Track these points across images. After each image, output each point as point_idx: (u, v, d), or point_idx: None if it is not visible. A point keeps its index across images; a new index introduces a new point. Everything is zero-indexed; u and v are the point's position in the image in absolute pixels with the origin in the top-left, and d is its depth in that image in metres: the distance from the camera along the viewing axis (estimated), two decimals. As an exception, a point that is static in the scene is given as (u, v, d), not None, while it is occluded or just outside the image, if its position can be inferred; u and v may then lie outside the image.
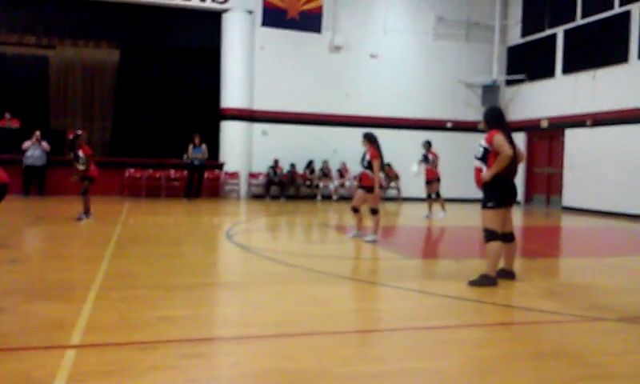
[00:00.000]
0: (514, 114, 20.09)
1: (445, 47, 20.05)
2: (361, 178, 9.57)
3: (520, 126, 19.79)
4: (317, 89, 18.93)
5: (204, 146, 16.96)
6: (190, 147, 16.83)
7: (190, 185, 16.93)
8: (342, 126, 18.49)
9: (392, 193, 19.27)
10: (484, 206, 6.22)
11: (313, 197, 18.59)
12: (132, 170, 17.30)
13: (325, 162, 18.66)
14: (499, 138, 6.11)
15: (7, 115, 16.78)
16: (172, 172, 17.51)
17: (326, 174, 18.79)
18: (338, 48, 19.09)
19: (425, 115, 19.92)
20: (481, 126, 6.46)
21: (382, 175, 9.93)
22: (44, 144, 15.76)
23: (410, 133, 19.70)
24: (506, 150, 6.03)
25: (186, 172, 17.17)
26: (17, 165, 14.92)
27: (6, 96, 17.43)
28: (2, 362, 3.68)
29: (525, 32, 19.80)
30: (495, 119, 6.34)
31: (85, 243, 9.05)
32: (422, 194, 18.92)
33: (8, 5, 16.81)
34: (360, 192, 9.53)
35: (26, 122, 16.65)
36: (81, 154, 10.86)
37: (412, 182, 18.92)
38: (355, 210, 9.63)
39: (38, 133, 15.73)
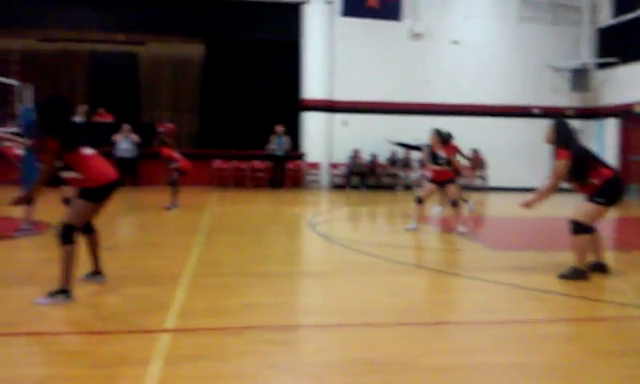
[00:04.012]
0: (606, 98, 19.07)
1: (530, 30, 19.30)
2: (436, 173, 9.28)
3: (613, 112, 18.80)
4: (397, 77, 18.77)
5: (286, 137, 17.32)
6: (272, 138, 17.29)
7: (274, 175, 17.46)
8: (423, 114, 18.22)
9: (477, 182, 18.83)
10: (592, 199, 5.94)
11: (394, 187, 18.49)
12: (219, 162, 17.89)
13: (406, 152, 18.48)
14: (561, 165, 5.94)
15: (101, 110, 17.74)
16: (256, 163, 17.95)
17: (407, 163, 18.62)
18: (418, 35, 18.81)
19: (509, 102, 19.30)
20: (569, 112, 6.17)
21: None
22: (132, 136, 16.55)
23: (494, 120, 19.19)
24: (555, 181, 6.04)
25: (268, 163, 17.80)
26: (111, 157, 15.73)
27: (99, 92, 18.42)
28: (101, 344, 3.95)
29: (617, 12, 18.72)
30: (568, 137, 6.06)
31: (175, 231, 9.46)
32: (510, 183, 18.54)
33: (100, 5, 17.73)
34: (431, 186, 9.33)
35: (119, 116, 17.53)
36: (163, 155, 11.58)
37: (498, 169, 18.55)
38: (420, 201, 9.41)
39: (127, 126, 16.57)
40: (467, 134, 18.11)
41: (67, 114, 5.11)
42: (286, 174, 17.97)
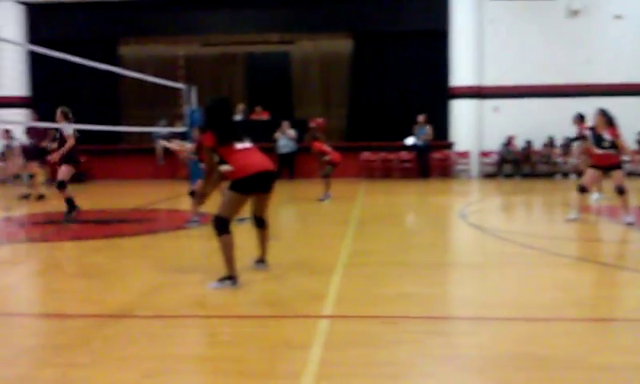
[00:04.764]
0: None
1: None
2: (598, 158, 8.63)
3: None
4: (553, 58, 17.66)
5: (428, 127, 17.08)
6: (415, 128, 17.19)
7: (420, 165, 17.34)
8: (583, 96, 16.98)
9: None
10: None
11: (551, 175, 17.49)
12: (367, 154, 18.12)
13: (566, 138, 17.33)
14: None
15: (258, 109, 18.71)
16: (404, 154, 17.90)
17: (566, 150, 17.48)
18: (575, 12, 17.58)
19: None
20: None
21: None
22: (289, 132, 17.31)
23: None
24: None
25: (413, 154, 17.69)
26: (269, 152, 16.54)
27: (255, 91, 19.43)
28: (266, 328, 4.22)
29: None
30: None
31: (329, 222, 9.75)
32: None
33: (255, 8, 18.75)
34: (594, 172, 8.67)
35: (274, 113, 18.38)
36: (315, 149, 11.96)
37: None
38: (583, 190, 8.78)
39: (285, 123, 17.37)
40: (633, 116, 16.65)
41: (228, 113, 5.55)
42: (432, 163, 17.74)
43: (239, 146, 5.25)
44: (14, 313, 4.81)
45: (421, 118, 17.27)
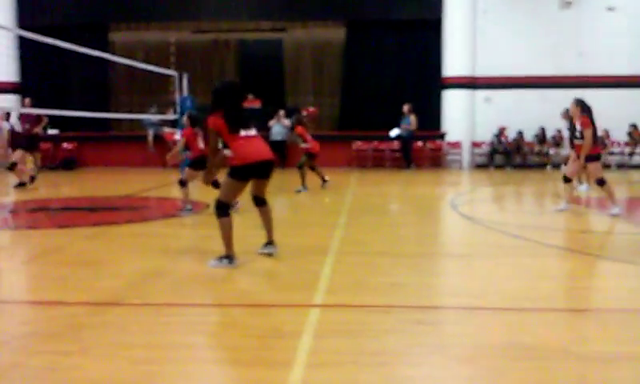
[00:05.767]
0: None
1: None
2: (578, 148, 8.64)
3: None
4: (546, 50, 17.68)
5: (412, 117, 16.98)
6: (401, 118, 17.16)
7: (403, 155, 17.34)
8: (575, 87, 16.99)
9: (637, 159, 17.28)
10: None
11: (542, 166, 17.56)
12: (359, 143, 18.09)
13: (558, 130, 17.37)
14: None
15: (250, 96, 18.60)
16: (395, 143, 17.87)
17: (558, 142, 17.53)
18: (568, 3, 17.59)
19: (675, 71, 17.46)
20: None
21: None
22: (284, 121, 17.27)
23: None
24: None
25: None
26: (266, 140, 16.45)
27: (247, 79, 19.31)
28: (257, 316, 4.22)
29: None
30: None
31: (319, 212, 9.75)
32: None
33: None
34: (577, 162, 8.67)
35: (266, 101, 18.29)
36: (297, 132, 11.89)
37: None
38: (567, 180, 8.85)
39: (281, 112, 17.39)
40: (625, 108, 16.76)
41: (238, 97, 5.51)
42: (423, 153, 17.73)
43: (243, 133, 5.32)
44: (2, 300, 4.78)
45: (405, 107, 17.15)
